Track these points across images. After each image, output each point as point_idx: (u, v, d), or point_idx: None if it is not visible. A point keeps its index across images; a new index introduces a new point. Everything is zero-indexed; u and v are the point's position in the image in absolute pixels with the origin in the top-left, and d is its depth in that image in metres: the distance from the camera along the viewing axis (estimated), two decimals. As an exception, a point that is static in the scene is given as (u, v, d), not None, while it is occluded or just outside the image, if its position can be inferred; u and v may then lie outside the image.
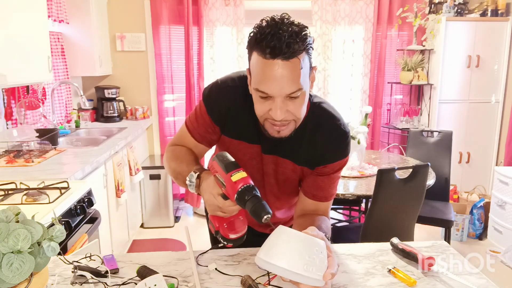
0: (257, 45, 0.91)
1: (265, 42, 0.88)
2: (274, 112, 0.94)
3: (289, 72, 0.90)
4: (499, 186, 3.21)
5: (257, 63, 0.92)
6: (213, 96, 1.11)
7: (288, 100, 0.94)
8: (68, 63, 3.34)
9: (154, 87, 3.95)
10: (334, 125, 1.08)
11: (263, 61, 0.90)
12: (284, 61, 0.89)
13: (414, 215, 2.24)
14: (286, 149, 1.09)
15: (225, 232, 0.97)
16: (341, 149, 1.09)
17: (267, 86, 0.92)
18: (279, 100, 0.93)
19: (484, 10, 3.76)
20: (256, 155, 1.12)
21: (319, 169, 1.10)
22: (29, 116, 2.73)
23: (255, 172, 1.15)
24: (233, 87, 1.09)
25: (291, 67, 0.90)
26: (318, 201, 1.13)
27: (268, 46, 0.88)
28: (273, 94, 0.92)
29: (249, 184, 0.88)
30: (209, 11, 3.78)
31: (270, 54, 0.88)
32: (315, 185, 1.12)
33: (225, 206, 0.93)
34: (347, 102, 4.08)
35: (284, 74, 0.90)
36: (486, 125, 3.89)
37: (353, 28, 3.91)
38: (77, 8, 3.29)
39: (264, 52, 0.89)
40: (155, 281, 0.89)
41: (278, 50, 0.88)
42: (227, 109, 1.09)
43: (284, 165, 1.12)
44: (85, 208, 1.83)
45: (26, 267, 0.75)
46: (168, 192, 3.62)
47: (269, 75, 0.90)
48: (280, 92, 0.92)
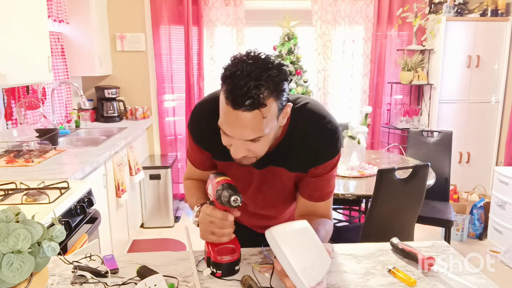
0: (224, 85, 0.88)
1: (229, 89, 0.85)
2: (234, 150, 0.95)
3: (251, 121, 0.87)
4: (499, 186, 3.21)
5: (221, 103, 0.90)
6: (194, 122, 1.11)
7: (250, 142, 0.93)
8: (68, 63, 3.34)
9: (154, 87, 3.95)
10: (322, 126, 1.05)
11: (224, 105, 0.88)
12: (244, 112, 0.86)
13: (414, 215, 2.24)
14: (278, 157, 1.08)
15: (215, 256, 1.00)
16: (331, 148, 1.07)
17: (228, 130, 0.91)
18: (239, 143, 0.93)
19: (484, 10, 3.76)
20: (249, 172, 1.12)
21: (312, 171, 1.08)
22: (29, 116, 2.73)
23: (252, 189, 1.16)
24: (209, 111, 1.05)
25: (252, 118, 0.87)
26: (315, 201, 1.12)
27: (231, 96, 0.85)
28: (234, 137, 0.92)
29: (228, 182, 0.96)
30: (209, 11, 3.78)
31: (232, 104, 0.86)
32: (310, 186, 1.11)
33: (212, 214, 0.97)
34: (347, 102, 4.09)
35: (244, 124, 0.87)
36: (486, 125, 3.89)
37: (353, 28, 3.91)
38: (77, 8, 3.29)
39: (227, 99, 0.86)
40: (155, 281, 0.89)
41: (240, 103, 0.85)
42: (208, 132, 1.07)
43: (280, 173, 1.11)
44: (85, 208, 1.83)
45: (26, 267, 0.75)
46: (168, 192, 3.62)
47: (229, 120, 0.89)
48: (239, 137, 0.91)
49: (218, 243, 1.01)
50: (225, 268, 1.00)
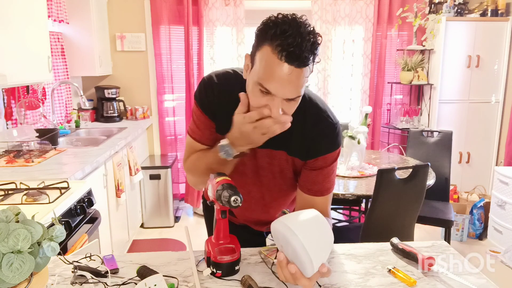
0: (274, 41, 0.88)
1: (285, 44, 0.87)
2: (271, 109, 0.94)
3: (297, 79, 0.90)
4: (499, 186, 3.21)
5: (267, 59, 0.90)
6: (203, 91, 1.12)
7: (286, 101, 0.94)
8: (68, 63, 3.34)
9: (154, 87, 3.95)
10: (320, 116, 1.07)
11: (275, 61, 0.89)
12: (296, 68, 0.88)
13: (414, 215, 2.24)
14: (278, 141, 1.08)
15: (215, 256, 1.00)
16: (329, 140, 1.08)
17: (273, 86, 0.91)
18: (279, 101, 0.93)
19: (484, 10, 3.76)
20: (249, 150, 1.11)
21: (311, 163, 1.09)
22: (29, 116, 2.73)
23: (250, 168, 1.15)
24: (219, 83, 1.09)
25: (299, 75, 0.90)
26: (314, 196, 1.12)
27: (287, 50, 0.87)
28: (277, 95, 0.92)
29: (228, 183, 0.96)
30: (209, 11, 3.78)
31: (287, 58, 0.87)
32: (309, 179, 1.11)
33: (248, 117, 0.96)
34: (347, 102, 4.09)
35: (292, 80, 0.90)
36: (486, 125, 3.89)
37: (353, 28, 3.91)
38: (77, 8, 3.29)
39: (280, 53, 0.87)
40: (155, 281, 0.89)
41: (296, 57, 0.87)
42: (216, 103, 1.10)
43: (279, 157, 1.12)
44: (85, 208, 1.83)
45: (26, 267, 0.75)
46: (168, 192, 3.62)
47: (279, 76, 0.89)
48: (283, 94, 0.92)
49: (217, 244, 1.01)
50: (225, 268, 1.00)
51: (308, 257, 0.82)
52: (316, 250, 0.83)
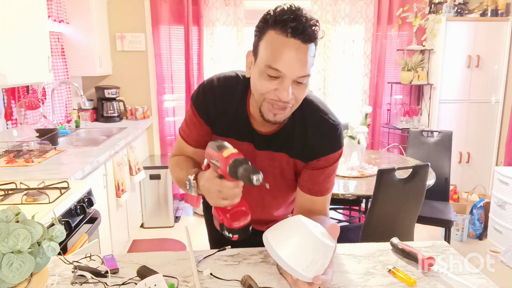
0: (277, 24, 0.92)
1: (288, 21, 0.91)
2: (281, 92, 0.94)
3: (304, 55, 0.92)
4: (499, 186, 3.21)
5: (274, 41, 0.93)
6: (201, 95, 1.12)
7: (295, 84, 0.95)
8: (68, 63, 3.34)
9: (154, 87, 3.95)
10: (321, 118, 1.08)
11: (282, 39, 0.91)
12: (302, 44, 0.91)
13: (414, 215, 2.24)
14: (279, 143, 1.09)
15: (229, 222, 0.95)
16: (331, 141, 1.09)
17: (282, 64, 0.92)
18: (288, 81, 0.94)
19: (484, 10, 3.76)
20: (249, 152, 1.12)
21: (313, 163, 1.10)
22: (29, 116, 2.73)
23: None
24: (219, 86, 1.11)
25: (306, 51, 0.93)
26: (314, 196, 1.12)
27: (290, 25, 0.90)
28: (286, 73, 0.93)
29: (239, 157, 0.90)
30: (209, 11, 3.78)
31: (292, 33, 0.90)
32: (310, 180, 1.12)
33: (223, 186, 0.91)
34: (347, 102, 4.08)
35: (300, 56, 0.92)
36: (486, 125, 3.89)
37: (353, 28, 3.91)
38: (77, 8, 3.29)
39: (286, 30, 0.91)
40: (155, 281, 0.89)
41: (301, 30, 0.90)
42: (215, 106, 1.10)
43: (279, 158, 1.12)
44: (85, 208, 1.83)
45: (26, 267, 0.75)
46: (168, 192, 3.62)
47: (287, 53, 0.91)
48: (292, 72, 0.93)
49: (229, 209, 0.97)
50: (242, 231, 0.97)
51: (289, 267, 0.84)
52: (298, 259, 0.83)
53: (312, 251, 0.85)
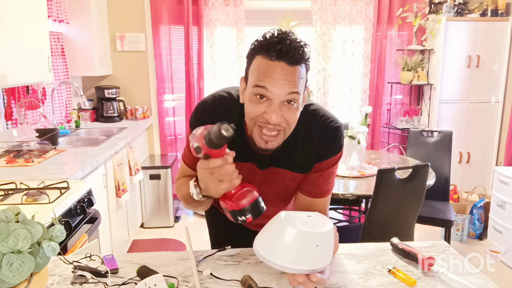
0: (263, 49, 0.94)
1: (272, 45, 0.92)
2: (269, 114, 0.94)
3: (290, 76, 0.93)
4: (499, 186, 3.21)
5: (259, 64, 0.95)
6: (199, 117, 1.09)
7: (284, 106, 0.95)
8: (68, 63, 3.34)
9: (154, 87, 3.95)
10: (325, 125, 1.08)
11: (267, 62, 0.93)
12: (287, 66, 0.92)
13: (414, 215, 2.23)
14: (281, 159, 1.09)
15: (236, 204, 0.93)
16: (334, 145, 1.09)
17: (267, 82, 0.93)
18: (276, 103, 0.94)
19: (484, 10, 3.76)
20: (251, 172, 1.11)
21: (315, 166, 1.10)
22: (29, 116, 2.73)
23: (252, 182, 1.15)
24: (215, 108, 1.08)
25: (292, 72, 0.93)
26: (314, 198, 1.13)
27: (275, 49, 0.92)
28: (272, 91, 0.93)
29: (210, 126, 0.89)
30: (209, 11, 3.78)
31: (276, 56, 0.92)
32: (310, 182, 1.12)
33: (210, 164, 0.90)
34: (347, 102, 4.08)
35: (286, 77, 0.93)
36: (486, 125, 3.89)
37: (353, 28, 3.91)
38: (77, 8, 3.29)
39: (270, 54, 0.92)
40: (155, 281, 0.89)
41: (285, 53, 0.92)
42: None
43: (282, 174, 1.12)
44: (85, 208, 1.83)
45: (26, 267, 0.75)
46: (168, 192, 3.62)
47: (272, 74, 0.93)
48: (278, 92, 0.93)
49: (234, 193, 0.95)
50: (252, 208, 0.94)
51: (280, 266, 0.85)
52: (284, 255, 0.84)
53: (295, 244, 0.84)
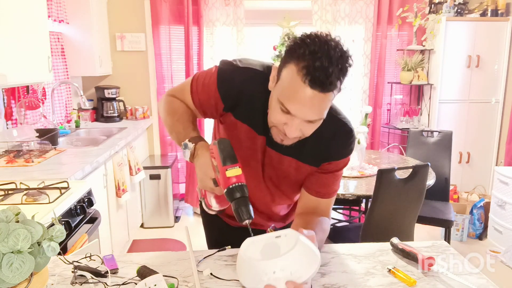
0: (300, 62, 0.86)
1: (312, 67, 0.84)
2: (289, 128, 0.93)
3: (320, 103, 0.88)
4: (499, 186, 3.21)
5: (291, 79, 0.88)
6: (228, 73, 1.06)
7: (306, 123, 0.93)
8: (68, 63, 3.34)
9: (154, 87, 3.95)
10: (339, 121, 1.09)
11: (299, 82, 0.86)
12: (319, 93, 0.86)
13: (414, 215, 2.24)
14: (289, 147, 1.07)
15: (208, 203, 1.01)
16: (346, 146, 1.10)
17: (293, 108, 0.89)
18: (297, 123, 0.92)
19: (484, 10, 3.76)
20: (259, 145, 1.11)
21: (324, 166, 1.10)
22: (29, 116, 2.73)
23: (254, 160, 1.14)
24: (250, 72, 1.06)
25: (323, 99, 0.88)
26: (321, 198, 1.13)
27: (312, 74, 0.84)
28: (296, 115, 0.90)
29: (241, 183, 0.88)
30: (209, 11, 3.78)
31: (311, 82, 0.85)
32: (319, 182, 1.12)
33: (214, 190, 0.95)
34: (347, 102, 4.08)
35: (314, 104, 0.88)
36: (486, 125, 3.89)
37: (353, 28, 3.91)
38: (77, 8, 3.29)
39: (305, 76, 0.85)
40: (155, 281, 0.89)
41: (320, 83, 0.84)
42: (239, 91, 1.06)
43: (287, 163, 1.12)
44: (85, 208, 1.83)
45: (26, 267, 0.75)
46: (168, 192, 3.62)
47: (300, 99, 0.87)
48: (303, 117, 0.91)
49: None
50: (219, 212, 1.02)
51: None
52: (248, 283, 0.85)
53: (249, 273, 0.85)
